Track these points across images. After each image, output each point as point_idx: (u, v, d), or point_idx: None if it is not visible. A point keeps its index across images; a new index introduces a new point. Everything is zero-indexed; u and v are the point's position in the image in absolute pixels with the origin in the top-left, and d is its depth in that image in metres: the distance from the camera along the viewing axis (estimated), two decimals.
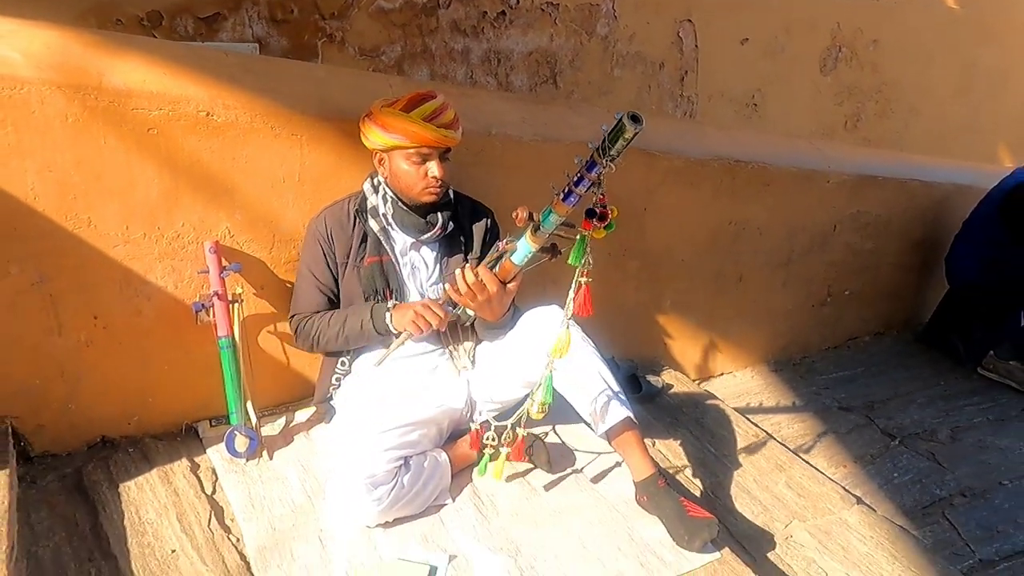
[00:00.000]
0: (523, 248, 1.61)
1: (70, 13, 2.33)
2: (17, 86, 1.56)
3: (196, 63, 1.80)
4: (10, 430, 1.76)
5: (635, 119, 1.26)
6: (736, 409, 2.67)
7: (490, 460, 1.82)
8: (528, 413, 1.66)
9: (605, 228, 1.45)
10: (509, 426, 1.74)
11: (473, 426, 1.85)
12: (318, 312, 1.90)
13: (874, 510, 2.21)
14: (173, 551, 1.63)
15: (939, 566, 1.99)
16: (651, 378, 2.64)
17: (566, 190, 1.45)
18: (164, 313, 1.87)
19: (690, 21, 3.91)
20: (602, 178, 1.40)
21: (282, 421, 2.06)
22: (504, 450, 1.76)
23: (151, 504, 1.75)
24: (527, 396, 1.86)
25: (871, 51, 4.70)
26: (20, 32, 1.64)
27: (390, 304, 1.82)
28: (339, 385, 1.98)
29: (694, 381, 2.91)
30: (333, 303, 1.92)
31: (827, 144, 3.44)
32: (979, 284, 3.30)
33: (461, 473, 1.89)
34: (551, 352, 1.57)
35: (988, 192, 3.29)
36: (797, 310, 3.29)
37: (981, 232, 3.23)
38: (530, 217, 1.55)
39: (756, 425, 2.56)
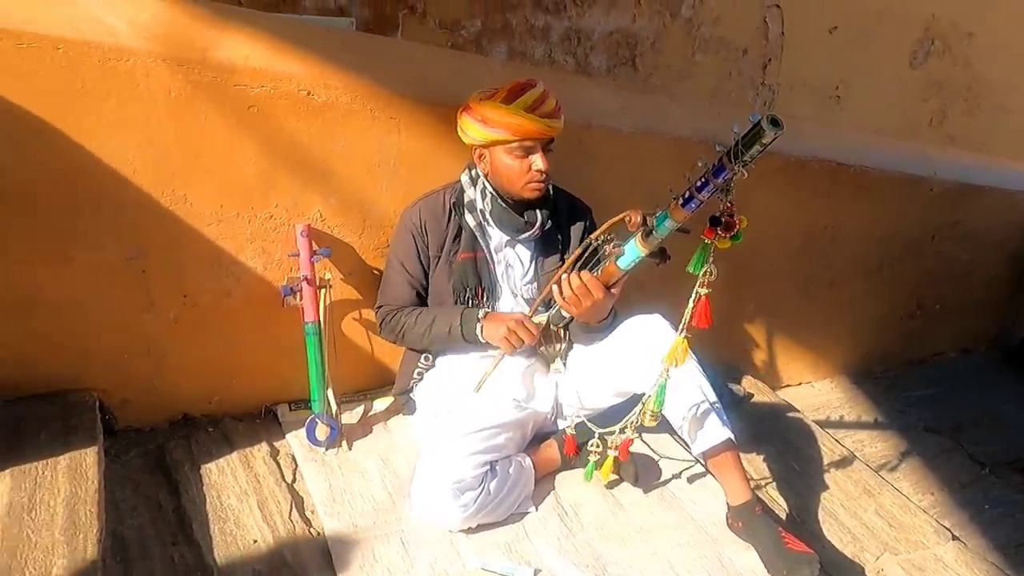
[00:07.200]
0: (631, 253, 1.52)
1: None
2: (123, 57, 1.52)
3: (299, 39, 1.73)
4: (97, 403, 1.75)
5: (775, 123, 1.18)
6: (818, 423, 2.55)
7: (595, 466, 1.77)
8: (640, 421, 1.59)
9: (732, 239, 1.36)
10: (617, 431, 1.67)
11: (567, 430, 1.78)
12: (406, 307, 1.84)
13: (968, 547, 2.08)
14: (255, 541, 1.60)
15: None
16: (733, 386, 2.54)
17: (687, 195, 1.35)
18: (252, 295, 1.84)
19: (778, 6, 3.71)
20: (731, 185, 1.30)
21: (360, 409, 2.02)
22: (612, 452, 1.69)
23: (232, 489, 1.73)
24: (614, 405, 1.80)
25: (965, 45, 4.41)
26: (127, 0, 1.59)
27: (481, 314, 1.75)
28: (421, 379, 1.93)
29: (772, 389, 2.79)
30: (422, 297, 1.86)
31: (931, 147, 3.24)
32: None
33: (544, 480, 1.83)
34: (665, 359, 1.49)
35: None
36: (884, 320, 3.13)
37: None
38: (644, 221, 1.46)
39: (840, 443, 2.44)
